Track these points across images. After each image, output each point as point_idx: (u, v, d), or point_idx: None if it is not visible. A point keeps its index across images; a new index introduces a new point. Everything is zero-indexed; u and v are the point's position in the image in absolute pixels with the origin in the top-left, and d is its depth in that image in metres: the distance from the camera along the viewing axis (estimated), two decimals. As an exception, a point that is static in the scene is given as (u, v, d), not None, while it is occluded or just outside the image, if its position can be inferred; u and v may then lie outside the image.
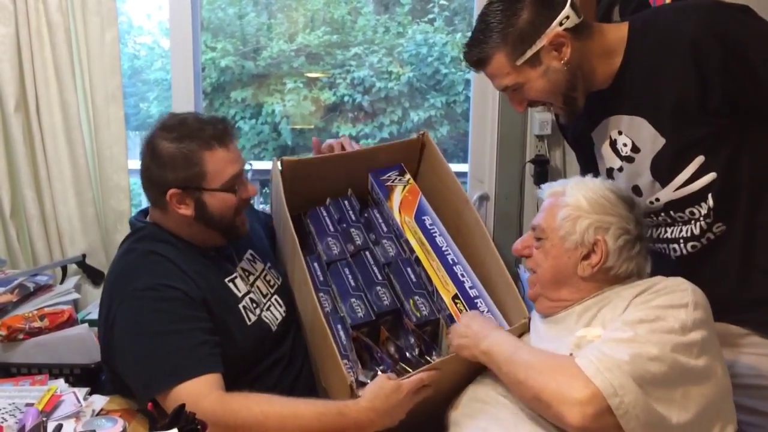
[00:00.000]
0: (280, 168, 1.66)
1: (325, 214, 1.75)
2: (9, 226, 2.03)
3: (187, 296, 1.40)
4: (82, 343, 1.71)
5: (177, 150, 1.42)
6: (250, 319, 1.51)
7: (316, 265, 1.64)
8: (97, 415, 1.38)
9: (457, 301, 1.56)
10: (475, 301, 1.56)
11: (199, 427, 1.14)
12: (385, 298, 1.57)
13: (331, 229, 1.71)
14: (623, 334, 1.17)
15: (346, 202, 1.78)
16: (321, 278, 1.61)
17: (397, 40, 4.17)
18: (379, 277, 1.60)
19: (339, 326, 1.51)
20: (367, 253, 1.67)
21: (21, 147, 1.99)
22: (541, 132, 2.20)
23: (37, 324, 1.70)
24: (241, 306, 1.51)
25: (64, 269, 2.03)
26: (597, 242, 1.32)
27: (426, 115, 4.09)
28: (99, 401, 1.45)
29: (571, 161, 2.26)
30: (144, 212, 1.58)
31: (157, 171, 1.44)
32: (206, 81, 4.11)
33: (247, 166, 1.56)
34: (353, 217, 1.74)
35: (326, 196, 1.78)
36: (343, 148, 1.73)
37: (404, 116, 4.13)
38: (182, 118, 1.47)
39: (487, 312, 1.54)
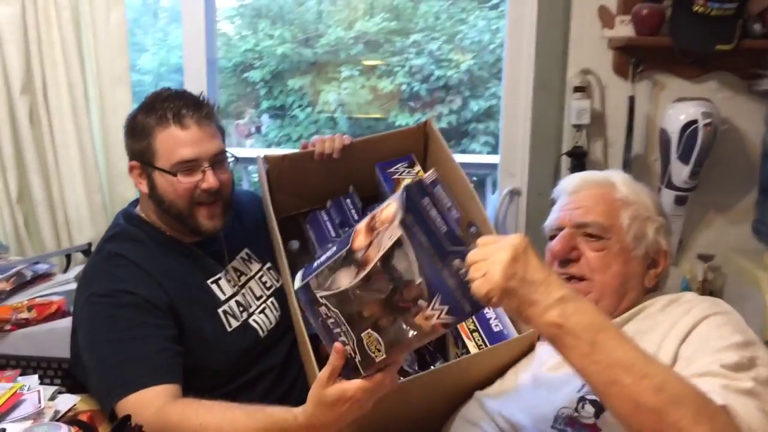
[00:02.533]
0: (265, 166, 1.54)
1: (326, 218, 1.63)
2: (16, 212, 2.00)
3: (147, 302, 1.31)
4: (68, 337, 1.64)
5: (138, 121, 1.37)
6: (230, 326, 1.41)
7: None
8: (61, 417, 1.29)
9: None
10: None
11: (140, 441, 1.05)
12: None
13: (332, 234, 1.59)
14: (741, 383, 0.93)
15: (348, 201, 1.65)
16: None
17: (459, 26, 4.03)
18: None
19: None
20: None
21: (27, 131, 1.95)
22: (579, 121, 1.99)
23: (25, 315, 1.65)
24: (221, 311, 1.41)
25: (69, 258, 1.98)
26: (664, 249, 1.18)
27: (486, 104, 3.94)
28: (66, 402, 1.36)
29: (614, 154, 2.05)
30: (137, 202, 1.51)
31: (127, 140, 1.40)
32: (264, 69, 4.11)
33: (227, 155, 1.44)
34: (356, 217, 1.62)
35: (328, 194, 1.66)
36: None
37: (464, 105, 3.99)
38: (161, 92, 1.39)
39: (495, 318, 1.38)
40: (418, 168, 1.66)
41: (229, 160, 1.43)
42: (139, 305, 1.30)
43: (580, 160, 2.01)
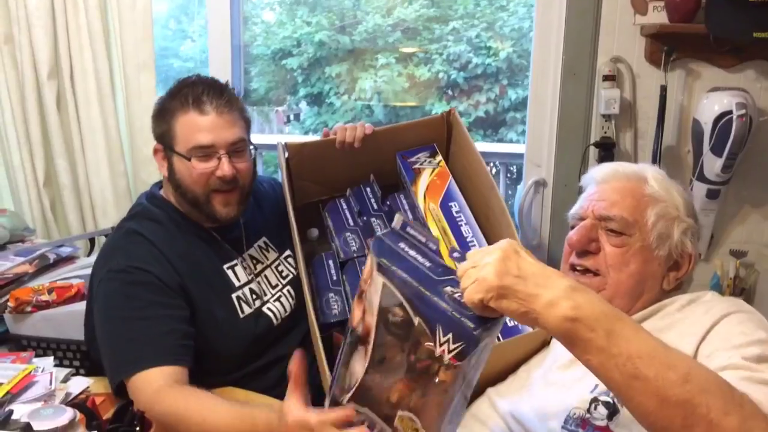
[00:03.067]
0: (285, 154, 1.53)
1: (344, 206, 1.61)
2: (43, 196, 2.03)
3: (159, 281, 1.32)
4: (87, 320, 1.67)
5: (163, 104, 1.39)
6: (243, 312, 1.42)
7: (330, 262, 1.50)
8: (73, 399, 1.31)
9: None
10: None
11: (138, 428, 1.05)
12: None
13: (351, 223, 1.57)
14: (764, 374, 0.88)
15: (367, 189, 1.63)
16: (334, 277, 1.47)
17: (499, 13, 3.95)
18: None
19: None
20: None
21: (54, 116, 1.98)
22: (608, 111, 1.93)
23: (45, 297, 1.67)
24: (234, 296, 1.42)
25: (92, 241, 2.01)
26: (688, 252, 1.12)
27: (525, 93, 3.85)
28: (79, 384, 1.38)
29: (644, 145, 1.98)
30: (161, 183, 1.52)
31: (152, 122, 1.43)
32: (303, 56, 4.10)
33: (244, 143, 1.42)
34: (375, 206, 1.60)
35: (349, 182, 1.64)
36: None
37: (501, 94, 3.92)
38: (189, 77, 1.41)
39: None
40: (439, 158, 1.63)
41: (250, 149, 1.43)
42: (152, 284, 1.32)
43: (608, 151, 1.95)
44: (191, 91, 1.35)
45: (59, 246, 1.90)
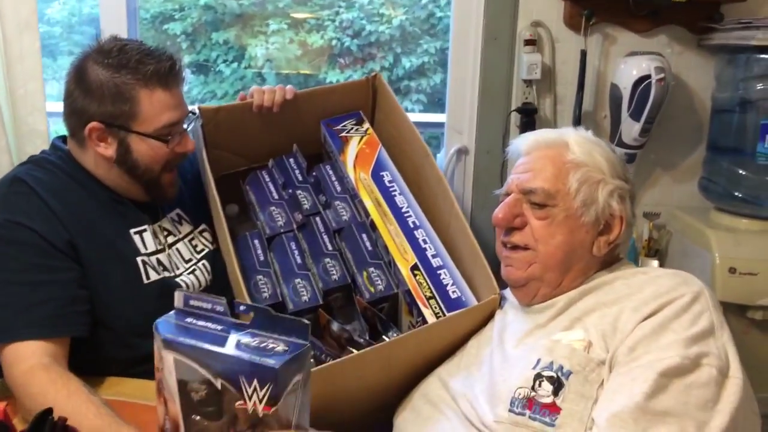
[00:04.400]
0: (200, 120, 1.41)
1: (267, 178, 1.51)
2: None
3: (43, 240, 1.20)
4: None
5: (109, 79, 1.26)
6: (149, 277, 1.31)
7: (256, 242, 1.41)
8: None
9: (416, 272, 1.33)
10: (438, 272, 1.35)
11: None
12: (334, 271, 1.35)
13: (275, 196, 1.48)
14: (659, 402, 0.90)
15: (291, 160, 1.54)
16: (261, 257, 1.37)
17: (391, -21, 3.88)
18: (329, 247, 1.38)
19: None
20: (317, 218, 1.44)
21: None
22: (530, 76, 1.91)
23: None
24: (140, 260, 1.30)
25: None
26: (617, 214, 1.10)
27: (419, 61, 3.83)
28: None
29: (563, 111, 1.99)
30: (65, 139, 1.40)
31: (82, 99, 1.27)
32: (186, 21, 3.86)
33: (191, 115, 1.38)
34: (300, 178, 1.50)
35: (269, 151, 1.54)
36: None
37: (396, 62, 3.87)
38: (123, 45, 1.30)
39: (453, 285, 1.31)
40: (367, 125, 1.56)
41: (192, 117, 1.37)
42: (33, 244, 1.20)
43: (529, 117, 1.94)
44: (153, 68, 1.26)
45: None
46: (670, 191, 2.07)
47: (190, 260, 1.41)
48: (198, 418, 0.79)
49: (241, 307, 0.86)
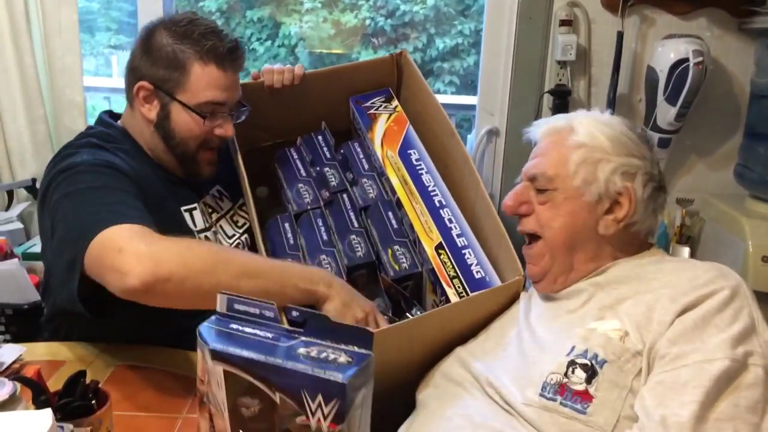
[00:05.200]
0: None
1: (295, 155, 1.52)
2: (-50, 143, 1.82)
3: (128, 177, 1.19)
4: (12, 280, 1.52)
5: (170, 45, 1.27)
6: None
7: (287, 225, 1.41)
8: (5, 369, 1.17)
9: (440, 251, 1.32)
10: (463, 252, 1.33)
11: (93, 402, 0.93)
12: (359, 248, 1.34)
13: (303, 173, 1.49)
14: (713, 411, 0.88)
15: (319, 138, 1.54)
16: (291, 240, 1.38)
17: (427, -41, 3.85)
18: (355, 224, 1.38)
19: None
20: (344, 195, 1.44)
21: (-40, 53, 1.75)
22: (564, 57, 1.88)
23: (-37, 256, 1.50)
24: (195, 233, 1.32)
25: (10, 194, 1.82)
26: (624, 191, 1.06)
27: (453, 42, 3.81)
28: (11, 352, 1.24)
29: (597, 93, 1.96)
30: (113, 114, 1.41)
31: (140, 58, 1.30)
32: (221, -1, 3.89)
33: (242, 108, 1.38)
34: (328, 155, 1.51)
35: (297, 126, 1.54)
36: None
37: (429, 43, 3.85)
38: (194, 19, 1.31)
39: (477, 264, 1.30)
40: (395, 103, 1.55)
41: (243, 110, 1.37)
42: (122, 174, 1.19)
43: (563, 99, 1.92)
44: (212, 43, 1.27)
45: (-28, 200, 1.71)
46: (705, 177, 2.04)
47: (233, 236, 1.43)
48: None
49: (294, 313, 0.80)
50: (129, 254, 0.99)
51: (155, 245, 1.02)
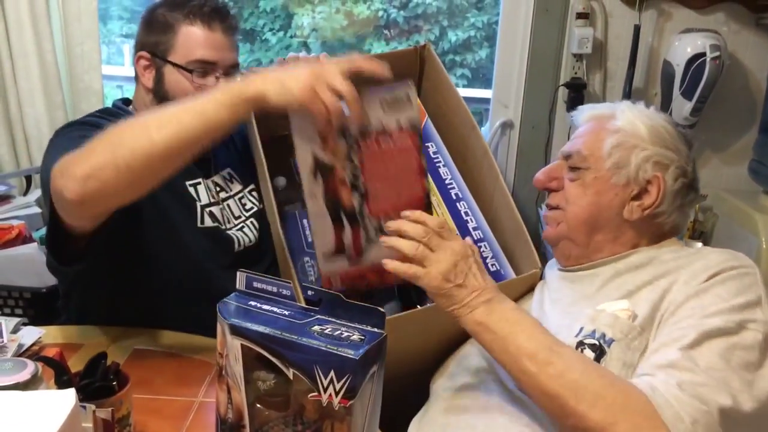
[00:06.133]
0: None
1: None
2: (-31, 128, 1.83)
3: None
4: (30, 264, 1.54)
5: (164, 14, 1.34)
6: (203, 222, 1.34)
7: (305, 221, 1.40)
8: (25, 351, 1.18)
9: None
10: (479, 244, 1.34)
11: (114, 383, 0.93)
12: None
13: None
14: (702, 357, 0.90)
15: None
16: (309, 238, 1.37)
17: (439, -50, 3.84)
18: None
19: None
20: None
21: (-20, 37, 1.77)
22: (580, 50, 1.88)
23: (-19, 241, 1.52)
24: (199, 205, 1.34)
25: (29, 179, 1.84)
26: (654, 180, 1.08)
27: (465, 35, 3.80)
28: (30, 335, 1.25)
29: (612, 87, 1.96)
30: (127, 101, 1.45)
31: (141, 33, 1.37)
32: (234, -11, 3.89)
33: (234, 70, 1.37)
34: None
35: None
36: None
37: (441, 35, 3.84)
38: None
39: (492, 258, 1.31)
40: (414, 95, 1.55)
41: (234, 73, 1.37)
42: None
43: (578, 93, 1.92)
44: (198, 7, 1.31)
45: (-8, 184, 1.73)
46: (719, 173, 2.04)
47: (240, 217, 1.44)
48: (263, 407, 0.75)
49: (309, 292, 0.83)
50: (56, 179, 1.00)
51: (70, 158, 1.00)
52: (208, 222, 1.35)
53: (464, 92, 3.23)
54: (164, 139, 0.97)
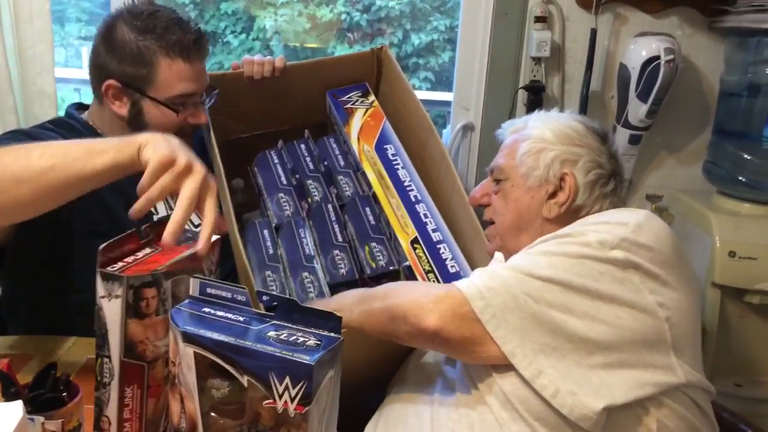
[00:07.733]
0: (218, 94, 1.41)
1: (276, 160, 1.49)
2: None
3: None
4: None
5: (133, 41, 1.28)
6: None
7: (266, 232, 1.38)
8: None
9: (415, 246, 1.33)
10: (438, 246, 1.34)
11: (65, 394, 0.92)
12: (342, 265, 1.32)
13: (283, 181, 1.46)
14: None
15: (302, 146, 1.53)
16: (271, 250, 1.35)
17: (402, -47, 3.85)
18: (339, 239, 1.36)
19: None
20: (329, 206, 1.41)
21: (-74, 40, 1.71)
22: (539, 53, 1.90)
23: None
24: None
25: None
26: (564, 177, 1.13)
27: (428, 38, 3.81)
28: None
29: (570, 90, 1.98)
30: (82, 106, 1.42)
31: (105, 55, 1.30)
32: (195, -10, 3.84)
33: (212, 91, 1.38)
34: (311, 167, 1.49)
35: (273, 118, 1.53)
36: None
37: (405, 39, 3.85)
38: (155, 11, 1.31)
39: (452, 259, 1.31)
40: (372, 98, 1.56)
41: (213, 93, 1.38)
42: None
43: (537, 95, 1.93)
44: (178, 38, 1.28)
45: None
46: (674, 174, 2.08)
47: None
48: (218, 416, 0.73)
49: (264, 298, 0.81)
50: None
51: None
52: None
53: (427, 95, 3.24)
54: (45, 183, 0.95)
